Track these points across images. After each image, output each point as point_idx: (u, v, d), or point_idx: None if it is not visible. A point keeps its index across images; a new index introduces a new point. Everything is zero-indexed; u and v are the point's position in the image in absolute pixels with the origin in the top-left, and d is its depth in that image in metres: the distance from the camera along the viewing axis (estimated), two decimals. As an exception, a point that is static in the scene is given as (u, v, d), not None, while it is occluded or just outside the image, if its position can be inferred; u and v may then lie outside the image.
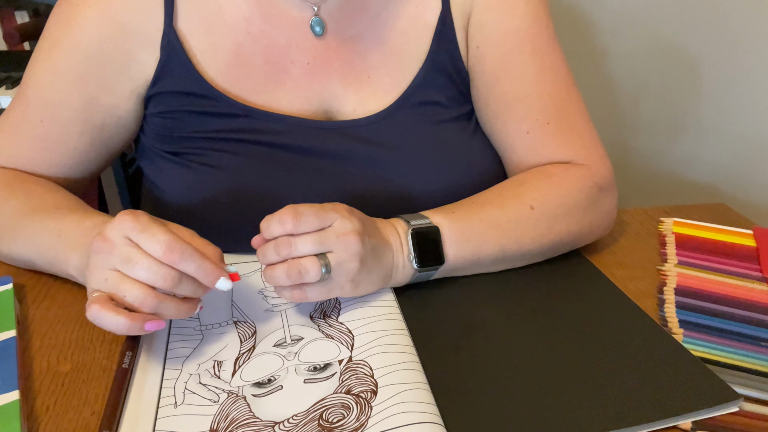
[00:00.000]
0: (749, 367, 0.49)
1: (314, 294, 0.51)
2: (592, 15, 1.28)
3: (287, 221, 0.49)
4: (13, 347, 0.49)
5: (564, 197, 0.61)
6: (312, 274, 0.49)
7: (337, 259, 0.50)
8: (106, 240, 0.45)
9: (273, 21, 0.63)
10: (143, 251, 0.45)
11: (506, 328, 0.53)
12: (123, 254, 0.45)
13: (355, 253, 0.50)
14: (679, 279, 0.61)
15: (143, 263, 0.45)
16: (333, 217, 0.50)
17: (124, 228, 0.45)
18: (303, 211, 0.49)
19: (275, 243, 0.49)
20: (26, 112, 0.62)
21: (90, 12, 0.59)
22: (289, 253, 0.49)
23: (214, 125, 0.62)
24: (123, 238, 0.45)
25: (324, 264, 0.49)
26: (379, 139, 0.64)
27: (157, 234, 0.45)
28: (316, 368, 0.47)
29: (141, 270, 0.45)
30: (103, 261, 0.46)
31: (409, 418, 0.41)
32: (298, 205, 0.50)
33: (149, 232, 0.45)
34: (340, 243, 0.50)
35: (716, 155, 1.30)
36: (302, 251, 0.49)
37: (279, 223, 0.49)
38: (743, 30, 1.19)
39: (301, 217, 0.49)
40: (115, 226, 0.46)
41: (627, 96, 1.35)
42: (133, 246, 0.45)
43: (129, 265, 0.45)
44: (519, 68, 0.65)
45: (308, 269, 0.49)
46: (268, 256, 0.50)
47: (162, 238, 0.45)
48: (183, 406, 0.44)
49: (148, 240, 0.45)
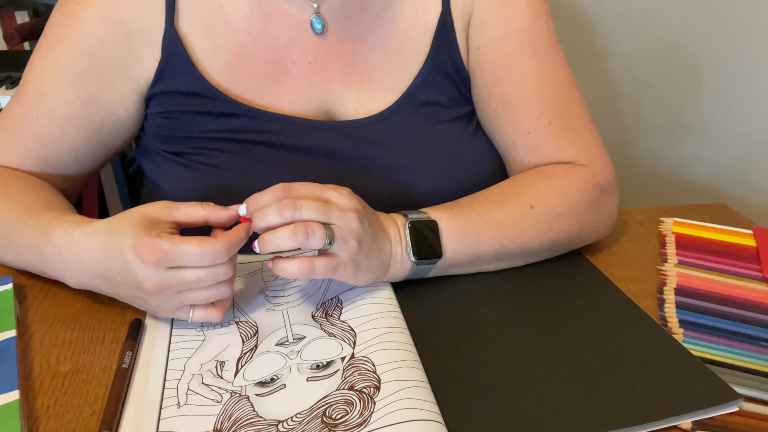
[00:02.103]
0: (749, 367, 0.49)
1: (322, 267, 0.49)
2: (593, 15, 1.29)
3: (278, 192, 0.48)
4: (13, 347, 0.48)
5: (564, 197, 0.61)
6: (318, 236, 0.47)
7: (340, 232, 0.49)
8: (158, 283, 0.46)
9: (274, 20, 0.63)
10: (195, 267, 0.47)
11: (506, 328, 0.53)
12: (182, 281, 0.47)
13: (355, 230, 0.49)
14: (679, 279, 0.61)
15: (203, 277, 0.47)
16: (332, 194, 0.50)
17: (159, 264, 0.46)
18: (295, 185, 0.49)
19: (278, 204, 0.47)
20: (23, 108, 0.62)
21: (91, 11, 0.59)
22: (292, 214, 0.47)
23: (214, 125, 0.62)
24: (168, 271, 0.46)
25: (328, 234, 0.48)
26: (380, 139, 0.64)
27: (192, 252, 0.46)
28: (318, 366, 0.47)
29: (206, 280, 0.47)
30: (167, 295, 0.48)
31: (411, 415, 0.41)
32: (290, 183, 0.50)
33: (185, 255, 0.46)
34: (342, 217, 0.49)
35: (716, 155, 1.30)
36: (306, 215, 0.47)
37: (271, 194, 0.48)
38: (744, 30, 1.20)
39: (294, 189, 0.49)
40: (151, 268, 0.46)
41: (627, 96, 1.35)
42: (182, 270, 0.47)
43: (193, 284, 0.47)
44: (520, 69, 0.65)
45: (315, 231, 0.47)
46: (267, 217, 0.47)
47: (202, 254, 0.46)
48: (186, 406, 0.44)
49: (191, 260, 0.46)
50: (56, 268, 0.52)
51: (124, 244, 0.46)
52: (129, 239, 0.46)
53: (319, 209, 0.48)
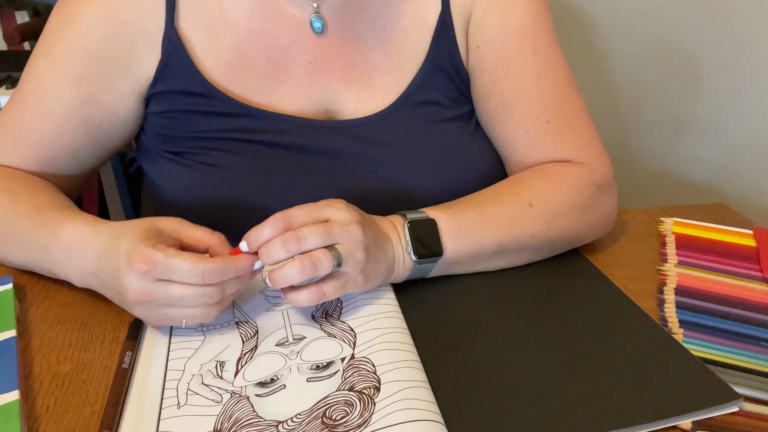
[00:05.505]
0: (749, 367, 0.49)
1: (331, 290, 0.49)
2: (593, 15, 1.29)
3: (278, 223, 0.48)
4: (13, 347, 0.48)
5: (563, 196, 0.61)
6: (325, 265, 0.47)
7: (346, 249, 0.49)
8: (141, 294, 0.46)
9: (275, 20, 0.63)
10: (182, 284, 0.46)
11: (506, 328, 0.53)
12: (166, 296, 0.46)
13: (359, 241, 0.50)
14: (679, 279, 0.61)
15: (190, 294, 0.46)
16: (329, 211, 0.50)
17: (146, 274, 0.45)
18: (292, 213, 0.49)
19: (281, 238, 0.47)
20: (22, 108, 0.62)
21: (92, 10, 0.59)
22: (298, 248, 0.47)
23: (214, 125, 0.62)
24: (155, 283, 0.46)
25: (335, 256, 0.48)
26: (380, 138, 0.64)
27: (183, 267, 0.45)
28: (318, 367, 0.47)
29: (191, 299, 0.47)
30: (151, 307, 0.47)
31: (411, 415, 0.41)
32: (286, 210, 0.49)
33: (176, 269, 0.45)
34: (345, 233, 0.49)
35: (716, 155, 1.30)
36: (311, 244, 0.47)
37: (271, 227, 0.48)
38: (743, 30, 1.20)
39: (292, 217, 0.48)
40: (138, 276, 0.45)
41: (627, 96, 1.35)
42: (169, 284, 0.46)
43: (177, 300, 0.47)
44: (519, 68, 0.65)
45: (321, 260, 0.47)
46: (274, 254, 0.47)
47: (193, 270, 0.45)
48: (186, 406, 0.44)
49: (181, 276, 0.46)
50: (62, 265, 0.52)
51: (121, 249, 0.47)
52: (127, 245, 0.46)
53: (322, 234, 0.48)
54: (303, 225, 0.48)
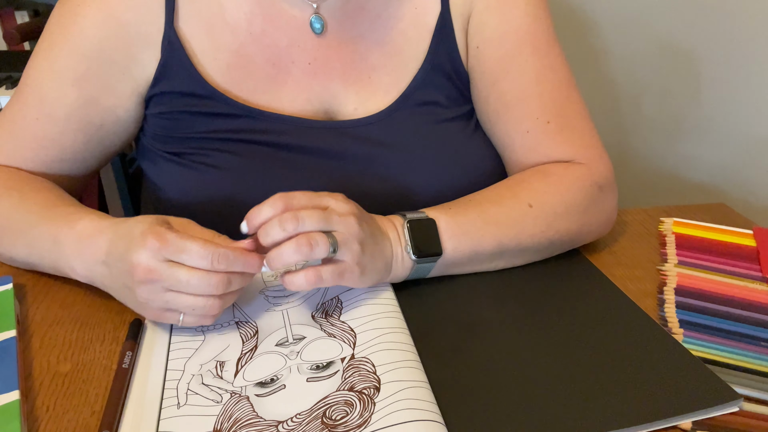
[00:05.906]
0: (749, 367, 0.50)
1: (328, 275, 0.49)
2: (592, 15, 1.29)
3: (277, 202, 0.48)
4: (13, 347, 0.49)
5: (563, 196, 0.61)
6: (321, 246, 0.47)
7: (342, 237, 0.49)
8: (149, 271, 0.46)
9: (274, 21, 0.63)
10: (190, 268, 0.46)
11: (506, 328, 0.53)
12: (173, 278, 0.46)
13: (355, 233, 0.50)
14: (679, 279, 0.61)
15: (196, 280, 0.46)
16: (329, 200, 0.50)
17: (158, 252, 0.46)
18: (293, 194, 0.49)
19: (279, 218, 0.48)
20: (22, 110, 0.62)
21: (91, 12, 0.59)
22: (294, 227, 0.47)
23: (214, 125, 0.62)
24: (164, 263, 0.46)
25: (331, 242, 0.48)
26: (380, 138, 0.64)
27: (194, 248, 0.46)
28: (318, 367, 0.47)
29: (196, 286, 0.47)
30: (154, 289, 0.47)
31: (411, 415, 0.41)
32: (287, 192, 0.50)
33: (186, 250, 0.46)
34: (342, 222, 0.49)
35: (716, 155, 1.30)
36: (308, 226, 0.48)
37: (270, 206, 0.48)
38: (743, 30, 1.20)
39: (292, 197, 0.49)
40: (148, 253, 0.46)
41: (627, 96, 1.35)
42: (177, 267, 0.46)
43: (182, 285, 0.47)
44: (519, 68, 0.65)
45: (318, 240, 0.47)
46: (271, 234, 0.47)
47: (203, 252, 0.46)
48: (186, 406, 0.44)
49: (190, 258, 0.46)
50: (69, 256, 0.52)
51: (136, 230, 0.47)
52: (142, 226, 0.47)
53: (320, 218, 0.48)
54: (302, 208, 0.49)
